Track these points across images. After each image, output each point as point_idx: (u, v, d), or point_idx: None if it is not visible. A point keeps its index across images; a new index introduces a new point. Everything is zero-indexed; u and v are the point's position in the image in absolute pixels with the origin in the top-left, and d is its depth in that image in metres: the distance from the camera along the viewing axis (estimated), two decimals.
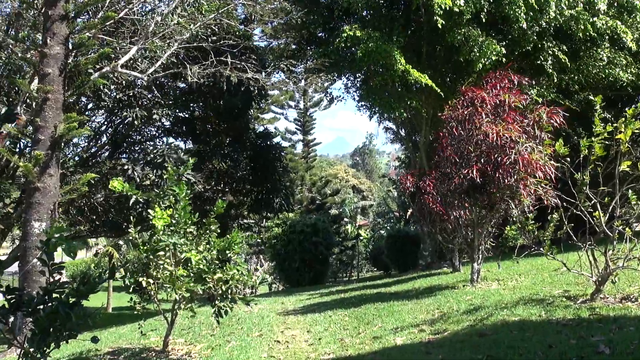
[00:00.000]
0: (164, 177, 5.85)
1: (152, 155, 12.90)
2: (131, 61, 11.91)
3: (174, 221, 5.59)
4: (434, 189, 10.15)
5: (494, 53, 12.87)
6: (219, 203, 6.10)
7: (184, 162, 12.53)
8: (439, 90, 13.74)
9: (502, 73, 8.83)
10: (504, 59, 12.87)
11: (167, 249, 5.52)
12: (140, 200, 5.79)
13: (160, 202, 5.71)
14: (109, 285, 28.19)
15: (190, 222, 5.74)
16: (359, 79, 18.71)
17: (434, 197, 10.23)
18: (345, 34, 13.34)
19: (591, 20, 13.78)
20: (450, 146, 8.64)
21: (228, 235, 5.96)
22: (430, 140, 16.29)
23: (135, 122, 13.63)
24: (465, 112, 8.38)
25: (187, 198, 5.76)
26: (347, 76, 18.89)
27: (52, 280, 3.68)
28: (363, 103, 19.38)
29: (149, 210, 5.59)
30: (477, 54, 12.93)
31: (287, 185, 19.36)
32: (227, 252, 5.89)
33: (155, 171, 12.62)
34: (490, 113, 8.22)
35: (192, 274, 5.54)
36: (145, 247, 5.58)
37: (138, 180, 12.32)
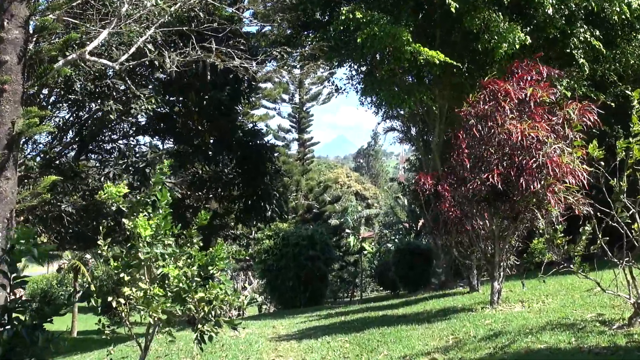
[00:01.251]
0: (151, 181, 5.86)
1: (133, 159, 12.93)
2: (102, 47, 11.93)
3: (152, 232, 5.60)
4: (450, 196, 10.18)
5: (518, 40, 12.89)
6: (202, 214, 6.10)
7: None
8: (454, 68, 13.63)
9: (529, 63, 8.84)
10: (527, 47, 12.90)
11: (142, 264, 5.51)
12: (123, 208, 5.80)
13: (142, 210, 5.72)
14: (73, 305, 28.08)
15: (170, 233, 5.74)
16: (362, 69, 18.77)
17: (451, 202, 10.24)
18: (343, 16, 13.28)
19: (627, 1, 13.74)
20: (468, 147, 8.66)
21: (212, 249, 5.96)
22: (445, 140, 16.32)
23: (111, 115, 13.60)
24: (486, 108, 8.41)
25: (167, 205, 5.77)
26: (349, 65, 18.95)
27: (12, 297, 3.58)
28: (367, 96, 19.44)
29: (124, 220, 5.58)
30: (499, 42, 12.96)
31: (280, 191, 19.37)
32: (211, 267, 5.88)
33: (136, 177, 12.65)
34: (515, 109, 8.25)
35: (170, 293, 5.52)
36: (116, 263, 5.58)
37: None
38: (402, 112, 20.24)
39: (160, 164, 6.32)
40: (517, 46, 12.91)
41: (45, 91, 14.36)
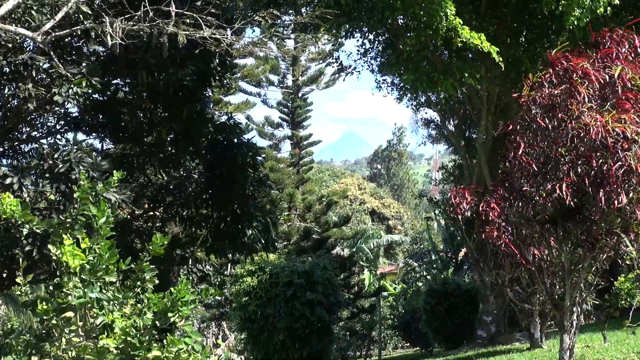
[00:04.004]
0: (75, 195, 5.88)
1: (50, 162, 12.87)
2: (18, 11, 11.99)
3: (88, 266, 5.62)
4: (501, 216, 10.18)
5: (601, 3, 12.91)
6: (158, 238, 6.13)
7: (104, 172, 12.56)
8: (500, 60, 13.79)
9: (620, 34, 8.82)
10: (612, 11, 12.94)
11: (74, 312, 5.54)
12: (38, 232, 5.82)
13: (69, 233, 5.73)
14: None
15: (113, 266, 5.76)
16: (381, 39, 18.85)
17: (501, 227, 10.25)
18: None
19: None
20: (528, 146, 8.69)
21: (172, 289, 5.97)
22: (495, 138, 16.38)
23: (29, 104, 13.59)
24: (555, 93, 8.44)
25: (109, 227, 5.80)
26: (362, 35, 19.01)
27: None
28: (387, 75, 19.52)
29: (49, 247, 5.61)
30: (570, 4, 12.98)
31: (266, 210, 19.39)
32: (171, 315, 5.89)
33: (56, 186, 12.61)
34: (596, 95, 8.27)
35: (114, 351, 5.55)
36: (45, 307, 5.59)
37: (28, 200, 12.31)
38: (434, 98, 20.32)
39: (95, 169, 6.35)
40: (601, 9, 12.89)
41: None
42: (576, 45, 9.82)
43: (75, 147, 13.87)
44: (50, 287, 5.78)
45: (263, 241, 18.36)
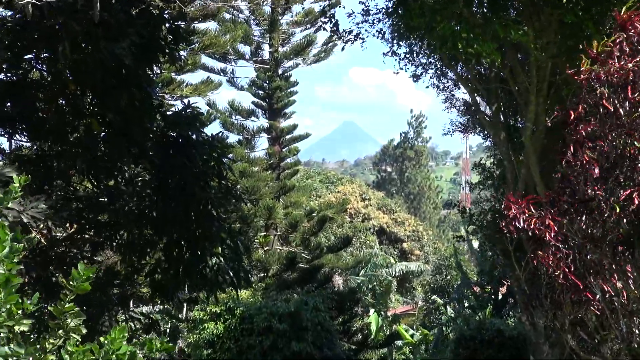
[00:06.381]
0: None
1: None
2: None
3: None
4: (558, 236, 10.13)
5: None
6: (82, 270, 6.07)
7: (6, 182, 12.52)
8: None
9: None
10: None
11: None
12: None
13: None
14: None
15: (20, 309, 5.71)
16: None
17: (559, 251, 10.20)
18: None
19: None
20: (593, 140, 8.66)
21: (102, 339, 5.94)
22: (549, 128, 16.37)
23: None
24: (629, 67, 8.42)
25: (15, 256, 5.74)
26: None
27: None
28: (401, 45, 19.54)
29: None
30: None
31: (236, 229, 19.32)
32: None
33: None
34: None
35: None
36: None
37: None
38: (464, 72, 20.31)
39: None
40: None
41: None
42: None
43: None
44: None
45: (231, 273, 18.28)
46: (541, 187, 16.14)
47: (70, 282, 6.07)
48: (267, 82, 38.92)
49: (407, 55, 21.43)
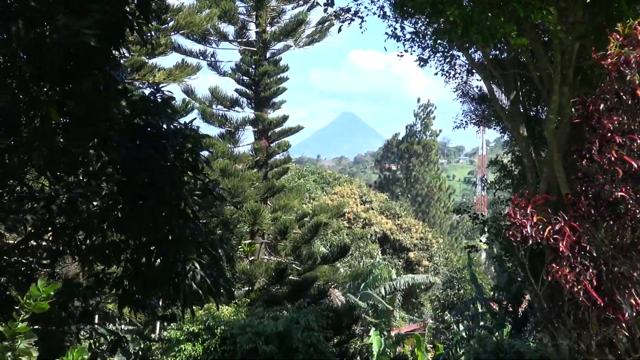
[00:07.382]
0: None
1: None
2: None
3: None
4: (576, 246, 10.07)
5: None
6: (40, 286, 6.01)
7: None
8: None
9: None
10: None
11: None
12: None
13: None
14: None
15: None
16: None
17: (578, 263, 10.15)
18: None
19: None
20: (620, 134, 8.61)
21: None
22: (574, 121, 16.32)
23: None
24: None
25: None
26: None
27: None
28: (402, 18, 19.55)
29: None
30: None
31: (216, 236, 19.25)
32: None
33: None
34: None
35: None
36: None
37: None
38: (479, 57, 20.30)
39: None
40: None
41: None
42: None
43: None
44: None
45: (211, 284, 18.22)
46: (565, 188, 16.07)
47: (27, 300, 6.01)
48: (254, 66, 38.62)
49: (412, 37, 21.43)
